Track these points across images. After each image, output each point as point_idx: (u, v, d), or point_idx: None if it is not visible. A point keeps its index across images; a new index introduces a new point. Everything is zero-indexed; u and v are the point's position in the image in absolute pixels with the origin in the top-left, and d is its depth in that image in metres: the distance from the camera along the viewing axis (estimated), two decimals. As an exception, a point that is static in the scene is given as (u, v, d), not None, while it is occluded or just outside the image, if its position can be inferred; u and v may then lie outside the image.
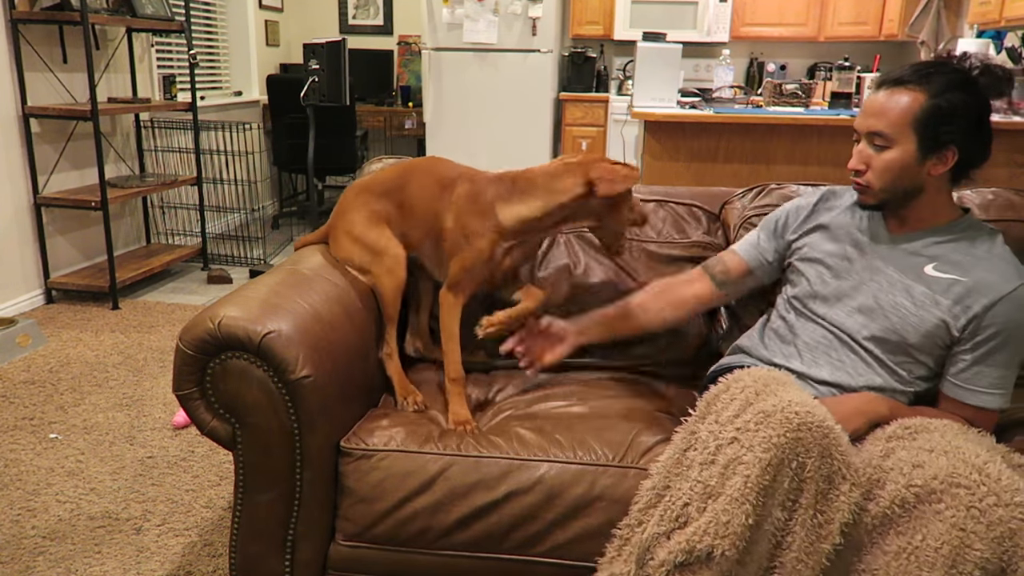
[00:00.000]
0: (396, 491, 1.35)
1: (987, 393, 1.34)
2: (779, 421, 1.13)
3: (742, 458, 1.13)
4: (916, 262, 1.39)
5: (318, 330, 1.39)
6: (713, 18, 5.32)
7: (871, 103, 1.37)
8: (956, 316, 1.34)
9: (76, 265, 3.81)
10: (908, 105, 1.32)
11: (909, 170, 1.35)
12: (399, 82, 6.13)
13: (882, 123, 1.34)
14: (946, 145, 1.33)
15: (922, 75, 1.32)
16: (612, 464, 1.35)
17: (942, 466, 1.12)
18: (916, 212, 1.41)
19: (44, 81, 3.51)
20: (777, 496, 1.12)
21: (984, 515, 1.07)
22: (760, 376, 1.27)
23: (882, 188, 1.38)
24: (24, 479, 2.15)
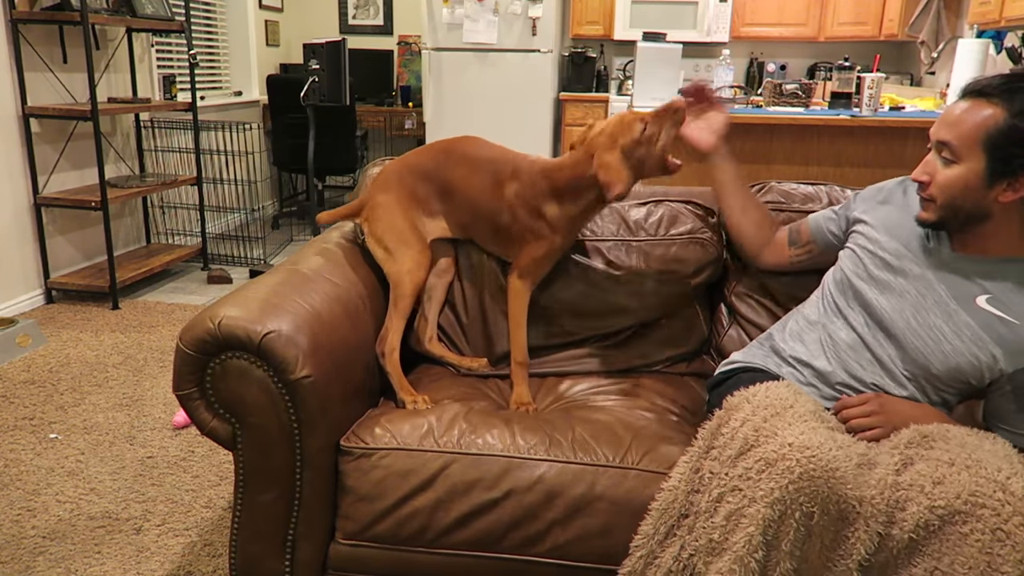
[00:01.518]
0: (396, 489, 1.35)
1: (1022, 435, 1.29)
2: (780, 472, 1.09)
3: (744, 511, 1.11)
4: (969, 289, 1.30)
5: (318, 330, 1.39)
6: (713, 18, 5.32)
7: (949, 111, 1.26)
8: (994, 359, 1.27)
9: (76, 265, 3.81)
10: (983, 121, 1.21)
11: (973, 192, 1.24)
12: (399, 82, 6.13)
13: (952, 134, 1.24)
14: (1019, 171, 1.20)
15: (1009, 89, 1.20)
16: (612, 465, 1.35)
17: (964, 483, 1.09)
18: (981, 240, 1.30)
19: (44, 81, 3.51)
20: (784, 547, 1.09)
21: (1010, 537, 1.05)
22: (762, 404, 1.22)
23: (942, 204, 1.27)
24: (24, 479, 2.15)
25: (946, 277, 1.32)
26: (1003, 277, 1.28)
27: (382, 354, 1.61)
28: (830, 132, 3.23)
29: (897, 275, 1.37)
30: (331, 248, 1.77)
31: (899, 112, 3.42)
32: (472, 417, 1.45)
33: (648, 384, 1.70)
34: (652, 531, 1.23)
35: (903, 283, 1.35)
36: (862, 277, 1.41)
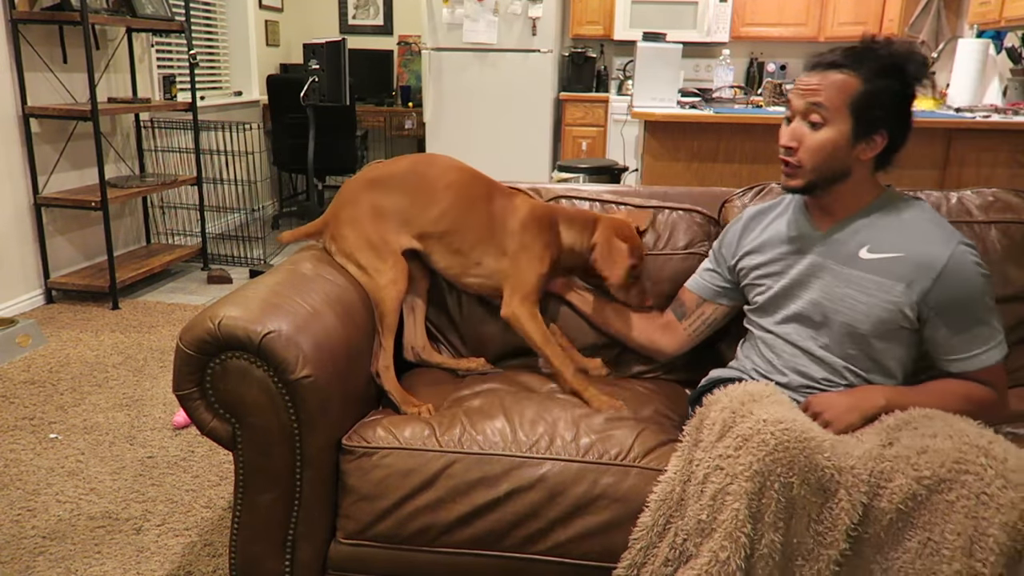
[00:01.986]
0: (398, 488, 1.35)
1: (983, 353, 1.35)
2: (756, 445, 1.14)
3: (727, 488, 1.14)
4: (850, 249, 1.40)
5: (318, 330, 1.39)
6: (713, 18, 5.32)
7: (806, 82, 1.37)
8: (905, 294, 1.34)
9: (76, 265, 3.81)
10: (844, 86, 1.33)
11: (841, 151, 1.36)
12: (399, 82, 6.13)
13: (823, 98, 1.34)
14: (876, 129, 1.34)
15: (855, 59, 1.33)
16: (614, 463, 1.35)
17: (948, 451, 1.12)
18: (840, 199, 1.42)
19: (44, 81, 3.51)
20: (767, 519, 1.13)
21: (994, 500, 1.08)
22: (737, 395, 1.28)
23: (812, 168, 1.37)
24: (24, 479, 2.15)
25: (826, 251, 1.43)
26: (867, 227, 1.41)
27: (377, 374, 1.58)
28: (830, 132, 3.22)
29: (792, 275, 1.47)
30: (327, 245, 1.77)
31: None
32: (473, 416, 1.45)
33: (648, 389, 1.69)
34: (651, 523, 1.25)
35: (799, 278, 1.46)
36: (766, 294, 1.51)
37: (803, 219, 1.49)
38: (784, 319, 1.48)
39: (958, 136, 3.17)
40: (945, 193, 1.81)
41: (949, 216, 1.76)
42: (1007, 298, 1.71)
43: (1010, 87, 3.83)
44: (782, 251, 1.50)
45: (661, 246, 1.81)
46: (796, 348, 1.46)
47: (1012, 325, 1.71)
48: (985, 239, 1.73)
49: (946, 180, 3.23)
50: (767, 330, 1.51)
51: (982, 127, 3.13)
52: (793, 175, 1.40)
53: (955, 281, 1.33)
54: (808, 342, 1.44)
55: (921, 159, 3.23)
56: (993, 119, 3.14)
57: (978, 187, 1.82)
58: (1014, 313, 1.71)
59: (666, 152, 3.31)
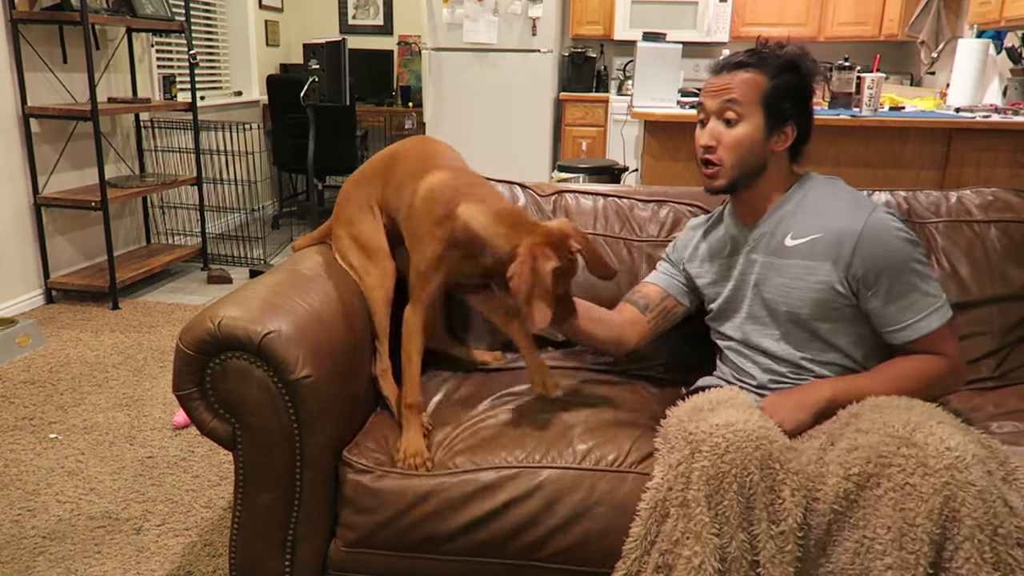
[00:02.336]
0: (396, 502, 1.34)
1: (922, 320, 1.36)
2: (710, 448, 1.16)
3: (687, 495, 1.17)
4: (777, 240, 1.45)
5: (318, 330, 1.39)
6: (713, 18, 5.32)
7: (716, 82, 1.43)
8: (831, 271, 1.38)
9: (76, 265, 3.81)
10: (753, 82, 1.40)
11: (757, 145, 1.41)
12: (399, 82, 6.13)
13: (736, 95, 1.40)
14: (786, 121, 1.41)
15: (758, 59, 1.41)
16: (611, 469, 1.35)
17: (873, 445, 1.14)
18: (761, 192, 1.47)
19: (44, 81, 3.51)
20: (732, 520, 1.14)
21: (916, 489, 1.09)
22: (698, 402, 1.31)
23: (732, 164, 1.42)
24: (24, 479, 2.15)
25: (757, 247, 1.48)
26: (788, 215, 1.45)
27: (375, 377, 1.55)
28: (830, 132, 3.23)
29: (734, 278, 1.52)
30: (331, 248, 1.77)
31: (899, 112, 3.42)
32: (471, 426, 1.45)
33: (644, 389, 1.69)
34: (643, 532, 1.25)
35: (740, 279, 1.51)
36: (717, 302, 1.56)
37: (732, 222, 1.54)
38: (738, 323, 1.52)
39: (958, 136, 3.17)
40: (945, 193, 1.81)
41: (949, 215, 1.76)
42: (1006, 297, 1.71)
43: (1010, 87, 3.83)
44: (721, 258, 1.55)
45: (665, 235, 1.82)
46: (755, 349, 1.49)
47: (1012, 324, 1.71)
48: (985, 238, 1.73)
49: (946, 180, 3.23)
50: (728, 337, 1.55)
51: (982, 127, 3.13)
52: (715, 175, 1.44)
53: (873, 248, 1.35)
54: (764, 340, 1.47)
55: (921, 159, 3.23)
56: (993, 119, 3.14)
57: (978, 187, 1.82)
58: (1014, 312, 1.71)
59: (666, 152, 3.31)
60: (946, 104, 3.71)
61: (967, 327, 1.71)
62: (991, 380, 1.68)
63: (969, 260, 1.74)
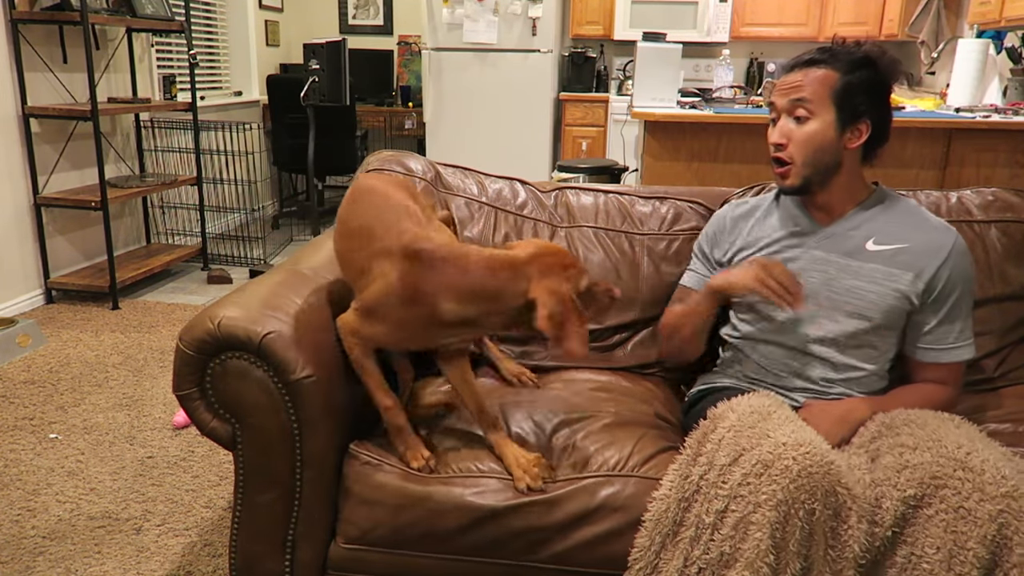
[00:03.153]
0: (398, 497, 1.34)
1: (957, 347, 1.40)
2: (780, 471, 1.10)
3: (750, 518, 1.11)
4: (856, 242, 1.43)
5: (319, 330, 1.39)
6: (713, 18, 5.32)
7: (788, 80, 1.41)
8: (913, 282, 1.39)
9: (76, 265, 3.81)
10: (825, 78, 1.38)
11: (829, 143, 1.38)
12: (399, 82, 6.13)
13: (806, 92, 1.38)
14: (860, 117, 1.38)
15: (830, 55, 1.39)
16: (613, 473, 1.34)
17: (926, 465, 1.13)
18: (837, 194, 1.44)
19: (44, 81, 3.51)
20: (792, 547, 1.10)
21: (971, 514, 1.09)
22: (747, 411, 1.24)
23: (804, 163, 1.40)
24: (24, 479, 2.15)
25: (831, 245, 1.44)
26: (867, 220, 1.44)
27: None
28: (830, 132, 3.22)
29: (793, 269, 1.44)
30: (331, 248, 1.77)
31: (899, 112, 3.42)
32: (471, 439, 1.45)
33: (646, 388, 1.69)
34: (648, 543, 1.23)
35: (801, 272, 1.45)
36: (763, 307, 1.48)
37: (801, 215, 1.50)
38: (779, 317, 1.46)
39: (958, 136, 3.17)
40: (945, 193, 1.81)
41: (949, 216, 1.76)
42: (1006, 297, 1.71)
43: (1010, 87, 3.83)
44: (780, 247, 1.50)
45: (666, 229, 1.83)
46: (790, 349, 1.45)
47: (1012, 324, 1.71)
48: (985, 238, 1.73)
49: (946, 180, 3.23)
50: (756, 335, 1.50)
51: (982, 127, 3.13)
52: (787, 174, 1.42)
53: (956, 268, 1.39)
54: (806, 340, 1.44)
55: (921, 159, 3.23)
56: (993, 119, 3.14)
57: (978, 187, 1.82)
58: (1014, 312, 1.71)
59: (666, 152, 3.31)
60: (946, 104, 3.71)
61: (967, 327, 1.71)
62: (991, 380, 1.69)
63: (969, 260, 1.74)
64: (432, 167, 1.92)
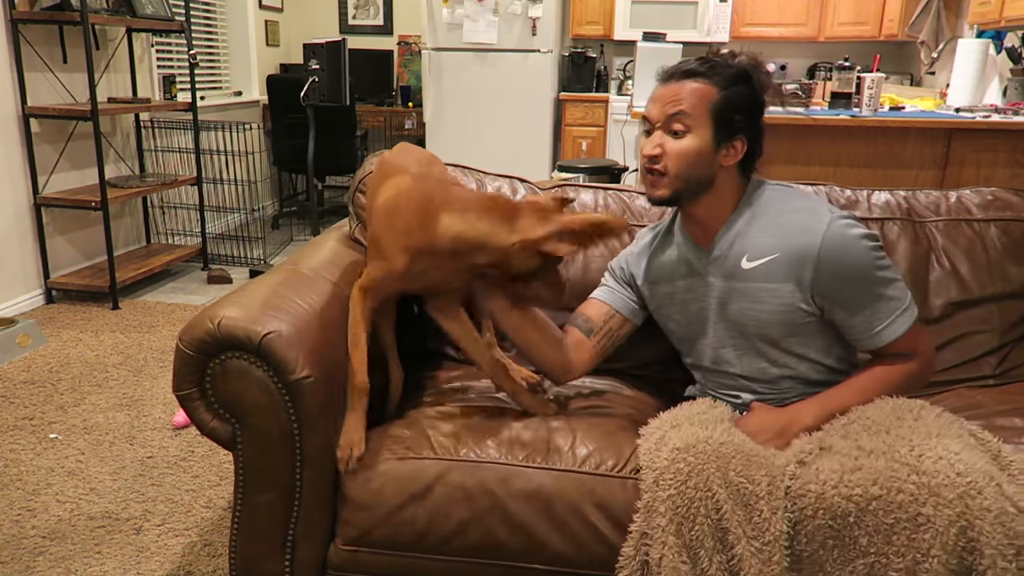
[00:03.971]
0: (395, 497, 1.35)
1: (889, 326, 1.33)
2: (672, 476, 1.16)
3: (653, 524, 1.17)
4: (732, 262, 1.40)
5: (318, 330, 1.39)
6: (713, 18, 5.32)
7: (665, 92, 1.37)
8: (794, 292, 1.34)
9: (76, 265, 3.81)
10: (704, 94, 1.34)
11: (705, 158, 1.35)
12: (399, 82, 6.13)
13: (684, 106, 1.34)
14: (736, 135, 1.35)
15: (709, 68, 1.35)
16: (610, 475, 1.34)
17: (880, 469, 1.12)
18: (708, 209, 1.41)
19: (44, 81, 3.51)
20: (707, 544, 1.13)
21: (930, 520, 1.07)
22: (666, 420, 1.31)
23: (676, 175, 1.36)
24: (24, 479, 2.15)
25: (714, 270, 1.43)
26: (740, 235, 1.39)
27: None
28: (830, 132, 3.23)
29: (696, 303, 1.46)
30: (331, 248, 1.77)
31: (899, 112, 3.42)
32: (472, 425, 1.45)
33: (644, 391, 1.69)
34: (633, 553, 1.24)
35: (702, 304, 1.46)
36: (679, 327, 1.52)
37: (684, 241, 1.48)
38: (706, 350, 1.48)
39: (958, 136, 3.17)
40: (944, 192, 1.81)
41: (948, 215, 1.76)
42: (1006, 295, 1.71)
43: (1010, 87, 3.83)
44: (678, 280, 1.49)
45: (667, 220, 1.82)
46: (726, 374, 1.47)
47: (1013, 322, 1.71)
48: (984, 237, 1.73)
49: (946, 180, 3.23)
50: (698, 365, 1.52)
51: (982, 127, 3.13)
52: (657, 184, 1.38)
53: (834, 263, 1.31)
54: (734, 364, 1.45)
55: (921, 159, 3.23)
56: (993, 119, 3.14)
57: (977, 187, 1.82)
58: (1014, 310, 1.71)
59: (666, 152, 3.30)
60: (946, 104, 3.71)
61: (967, 325, 1.71)
62: (992, 378, 1.68)
63: (969, 258, 1.74)
64: (432, 167, 1.92)
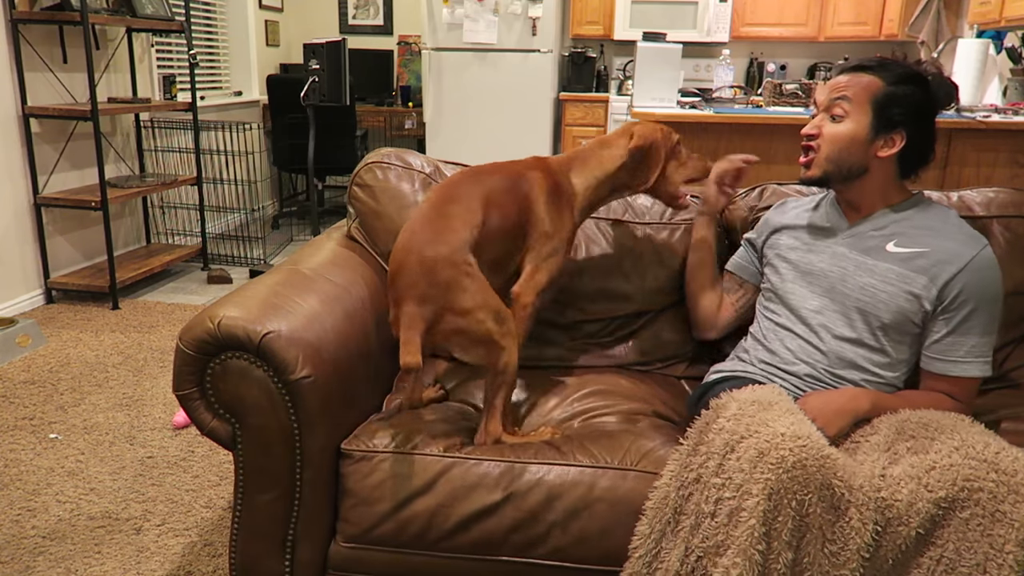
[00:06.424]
0: (396, 493, 1.35)
1: (966, 362, 1.37)
2: (774, 461, 1.11)
3: (743, 505, 1.12)
4: (877, 242, 1.44)
5: (318, 330, 1.39)
6: (713, 18, 5.31)
7: (835, 81, 1.45)
8: (927, 287, 1.37)
9: (76, 265, 3.81)
10: (869, 84, 1.40)
11: (858, 145, 1.41)
12: (399, 82, 6.13)
13: (847, 92, 1.41)
14: (895, 128, 1.39)
15: (881, 65, 1.42)
16: (611, 467, 1.34)
17: (957, 467, 1.12)
18: (864, 195, 1.47)
19: (44, 81, 3.51)
20: (783, 538, 1.11)
21: (1007, 516, 1.08)
22: (748, 400, 1.25)
23: (828, 158, 1.43)
24: (24, 479, 2.14)
25: (853, 242, 1.47)
26: (895, 222, 1.45)
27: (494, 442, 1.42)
28: (830, 132, 3.22)
29: (813, 261, 1.51)
30: (331, 248, 1.77)
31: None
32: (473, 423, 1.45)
33: (646, 385, 1.69)
34: (648, 531, 1.24)
35: (821, 265, 1.50)
36: (788, 280, 1.54)
37: (834, 212, 1.53)
38: (797, 307, 1.50)
39: (958, 136, 3.17)
40: (945, 192, 1.81)
41: (950, 215, 1.76)
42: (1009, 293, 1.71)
43: (1010, 87, 3.83)
44: (810, 236, 1.54)
45: (667, 218, 1.83)
46: (804, 341, 1.47)
47: (1015, 321, 1.71)
48: (987, 234, 1.73)
49: (946, 180, 3.23)
50: (777, 320, 1.53)
51: (982, 127, 3.13)
52: (809, 163, 1.46)
53: (971, 281, 1.36)
54: (823, 333, 1.45)
55: (921, 159, 3.22)
56: (993, 119, 3.14)
57: (978, 187, 1.82)
58: (1016, 309, 1.71)
59: (666, 152, 3.30)
60: (946, 104, 3.70)
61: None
62: (993, 379, 1.68)
63: (970, 259, 1.73)
64: (431, 162, 1.92)
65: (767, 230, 1.64)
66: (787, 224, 1.60)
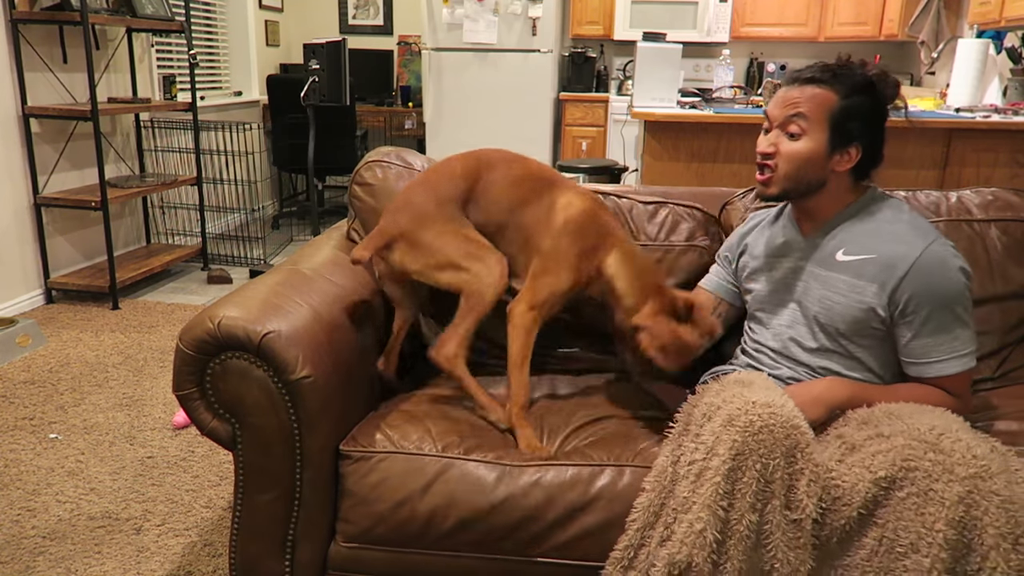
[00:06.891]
0: (395, 493, 1.35)
1: (940, 362, 1.35)
2: (743, 424, 1.15)
3: (709, 464, 1.15)
4: (829, 251, 1.44)
5: (318, 330, 1.39)
6: (713, 18, 5.31)
7: (787, 95, 1.42)
8: (878, 295, 1.36)
9: (76, 265, 3.81)
10: (824, 100, 1.38)
11: (816, 162, 1.39)
12: (399, 82, 6.13)
13: (803, 108, 1.38)
14: (851, 142, 1.39)
15: (832, 75, 1.39)
16: (608, 464, 1.35)
17: (899, 448, 1.14)
18: (819, 206, 1.46)
19: (44, 81, 3.51)
20: (747, 499, 1.13)
21: (939, 495, 1.09)
22: (729, 380, 1.30)
23: (786, 175, 1.41)
24: (24, 479, 2.15)
25: (807, 256, 1.48)
26: (844, 231, 1.44)
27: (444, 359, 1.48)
28: (830, 132, 3.22)
29: (776, 279, 1.52)
30: (331, 248, 1.78)
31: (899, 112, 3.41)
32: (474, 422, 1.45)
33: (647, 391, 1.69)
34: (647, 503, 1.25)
35: (783, 281, 1.51)
36: (754, 297, 1.57)
37: (791, 226, 1.54)
38: (770, 324, 1.52)
39: (958, 136, 3.17)
40: (945, 193, 1.81)
41: (949, 215, 1.76)
42: (1007, 296, 1.71)
43: (1010, 87, 3.83)
44: (770, 256, 1.55)
45: (662, 238, 1.82)
46: (789, 359, 1.48)
47: (1013, 323, 1.71)
48: (985, 237, 1.73)
49: (946, 180, 3.23)
50: (755, 337, 1.55)
51: (982, 127, 3.13)
52: (768, 181, 1.44)
53: (924, 280, 1.33)
54: (793, 347, 1.47)
55: (921, 159, 3.23)
56: (993, 119, 3.14)
57: (977, 187, 1.82)
58: (1014, 311, 1.71)
59: (666, 152, 3.31)
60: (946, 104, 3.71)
61: (968, 326, 1.71)
62: (992, 380, 1.68)
63: (969, 259, 1.72)
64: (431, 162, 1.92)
65: (737, 250, 1.64)
66: (751, 243, 1.60)
